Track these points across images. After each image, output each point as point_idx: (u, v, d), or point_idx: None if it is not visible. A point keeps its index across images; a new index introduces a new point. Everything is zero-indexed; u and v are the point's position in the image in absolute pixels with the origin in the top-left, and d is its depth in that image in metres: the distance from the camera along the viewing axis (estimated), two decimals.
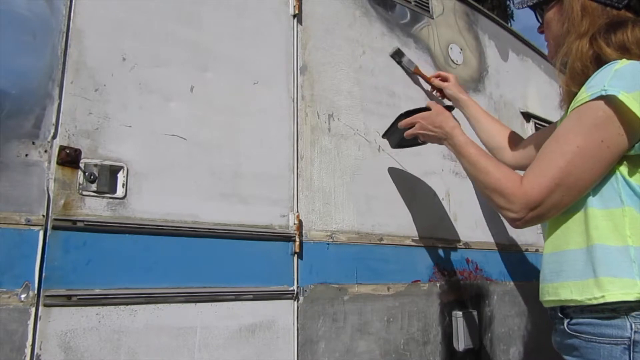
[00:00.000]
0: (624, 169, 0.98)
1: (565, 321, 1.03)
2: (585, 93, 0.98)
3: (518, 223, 1.05)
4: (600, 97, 0.94)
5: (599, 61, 1.02)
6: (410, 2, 2.04)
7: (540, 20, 1.23)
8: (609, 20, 1.06)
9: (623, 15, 1.07)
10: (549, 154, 1.01)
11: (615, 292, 0.93)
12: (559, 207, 1.01)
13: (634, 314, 0.92)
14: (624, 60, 0.98)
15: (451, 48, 2.15)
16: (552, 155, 1.00)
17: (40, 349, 1.05)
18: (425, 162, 1.92)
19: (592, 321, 0.97)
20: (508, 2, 11.61)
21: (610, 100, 0.93)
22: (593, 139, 0.95)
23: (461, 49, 2.21)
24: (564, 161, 0.97)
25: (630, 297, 0.91)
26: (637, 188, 0.96)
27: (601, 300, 0.94)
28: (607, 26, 1.05)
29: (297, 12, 1.64)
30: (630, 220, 0.95)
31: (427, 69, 2.01)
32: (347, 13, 1.82)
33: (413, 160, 1.88)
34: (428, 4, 2.12)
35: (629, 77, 0.93)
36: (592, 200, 0.99)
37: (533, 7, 1.24)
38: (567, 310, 1.04)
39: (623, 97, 0.91)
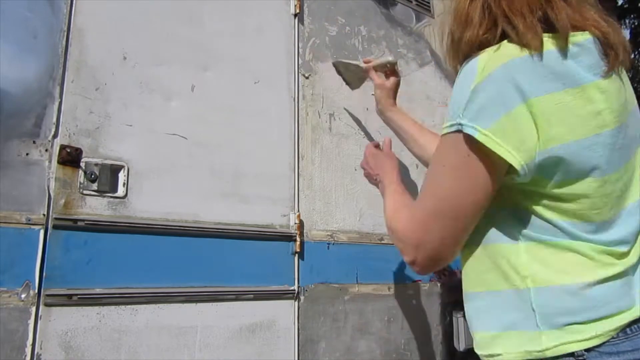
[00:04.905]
0: (518, 197, 0.78)
1: None
2: (446, 121, 0.78)
3: (416, 268, 0.85)
4: (459, 131, 0.74)
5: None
6: (411, 2, 2.04)
7: None
8: None
9: None
10: (424, 185, 0.84)
11: (511, 350, 0.76)
12: (445, 242, 0.80)
13: None
14: (485, 59, 0.74)
15: None
16: (426, 186, 0.84)
17: (41, 348, 1.05)
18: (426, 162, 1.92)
19: None
20: None
21: (468, 139, 0.73)
22: (463, 172, 0.77)
23: None
24: (437, 189, 0.81)
25: (533, 356, 0.73)
26: (537, 220, 0.77)
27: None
28: None
29: (298, 11, 1.64)
30: (528, 258, 0.77)
31: (429, 69, 2.00)
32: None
33: (413, 159, 1.87)
34: (429, 3, 2.11)
35: (486, 100, 0.72)
36: (488, 236, 0.81)
37: None
38: None
39: (481, 137, 0.71)
